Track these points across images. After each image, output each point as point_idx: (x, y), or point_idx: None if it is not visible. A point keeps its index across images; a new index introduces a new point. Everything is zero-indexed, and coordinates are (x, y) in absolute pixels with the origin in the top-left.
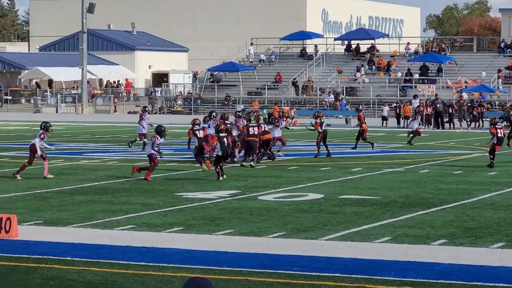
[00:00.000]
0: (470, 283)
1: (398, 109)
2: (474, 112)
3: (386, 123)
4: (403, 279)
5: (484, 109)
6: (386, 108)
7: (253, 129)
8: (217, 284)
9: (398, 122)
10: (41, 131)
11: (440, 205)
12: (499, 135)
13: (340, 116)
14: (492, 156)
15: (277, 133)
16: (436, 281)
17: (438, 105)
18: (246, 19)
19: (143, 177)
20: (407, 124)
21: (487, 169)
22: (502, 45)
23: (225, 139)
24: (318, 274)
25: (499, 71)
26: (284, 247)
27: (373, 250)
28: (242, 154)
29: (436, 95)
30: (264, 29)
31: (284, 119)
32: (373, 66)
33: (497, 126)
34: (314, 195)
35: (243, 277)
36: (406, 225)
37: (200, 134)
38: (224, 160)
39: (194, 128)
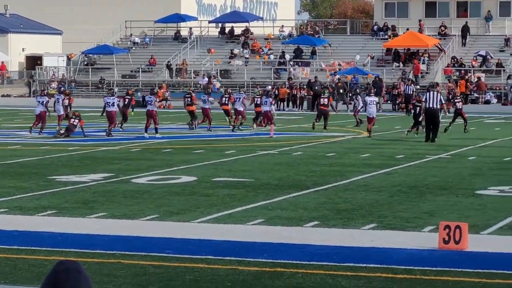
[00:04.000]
0: (342, 264)
1: (277, 91)
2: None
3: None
4: (275, 261)
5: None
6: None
7: None
8: (90, 267)
9: (288, 105)
10: None
11: (313, 187)
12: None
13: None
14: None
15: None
16: (308, 262)
17: (316, 87)
18: (121, 2)
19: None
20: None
21: (360, 151)
22: (375, 28)
23: None
24: (191, 257)
25: (373, 57)
26: (157, 230)
27: (246, 232)
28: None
29: (315, 77)
30: (139, 12)
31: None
32: (247, 49)
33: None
34: (187, 178)
35: (116, 260)
36: (279, 207)
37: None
38: None
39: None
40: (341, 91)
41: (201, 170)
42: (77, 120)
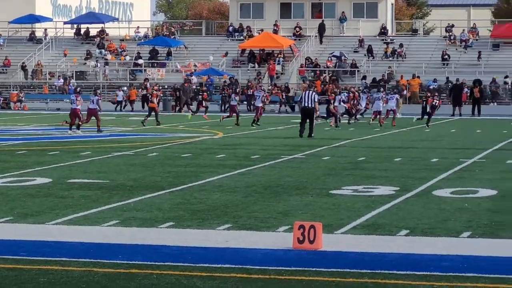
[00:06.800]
0: (197, 264)
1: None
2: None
3: (121, 107)
4: (130, 262)
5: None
6: (121, 93)
7: None
8: None
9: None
10: None
11: (168, 188)
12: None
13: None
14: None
15: None
16: (163, 263)
17: (183, 90)
18: None
19: None
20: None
21: (215, 152)
22: (231, 29)
23: None
24: (45, 259)
25: (226, 54)
26: (11, 232)
27: (101, 233)
28: None
29: (187, 79)
30: None
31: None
32: (103, 50)
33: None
34: (42, 180)
35: None
36: (134, 208)
37: None
38: None
39: None
40: (187, 92)
41: (56, 171)
42: None
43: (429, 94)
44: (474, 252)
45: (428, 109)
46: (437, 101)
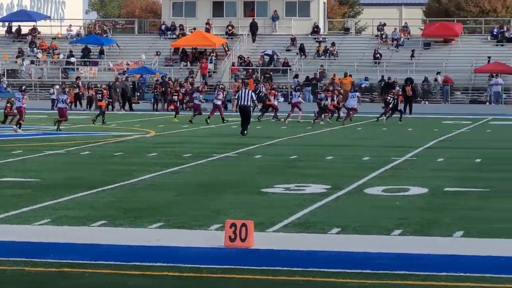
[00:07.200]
0: (129, 263)
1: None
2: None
3: (54, 105)
4: (62, 261)
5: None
6: (55, 91)
7: None
8: None
9: (75, 105)
10: None
11: (101, 186)
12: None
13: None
14: None
15: None
16: (95, 262)
17: (124, 88)
18: None
19: None
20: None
21: (148, 150)
22: (163, 27)
23: None
24: None
25: (158, 54)
26: None
27: (32, 232)
28: None
29: (127, 77)
30: None
31: None
32: (35, 48)
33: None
34: None
35: None
36: (66, 207)
37: None
38: None
39: None
40: (117, 90)
41: None
42: None
43: (396, 92)
44: (405, 250)
45: (399, 107)
46: (395, 98)
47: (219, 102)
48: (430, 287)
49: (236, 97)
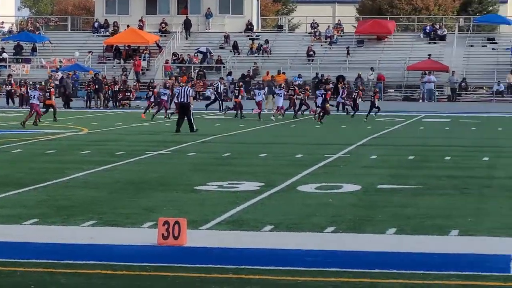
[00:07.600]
0: (61, 261)
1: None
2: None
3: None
4: None
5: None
6: None
7: None
8: None
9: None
10: None
11: (33, 184)
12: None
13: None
14: None
15: None
16: (27, 260)
17: (65, 85)
18: None
19: None
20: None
21: (81, 148)
22: (96, 25)
23: None
24: None
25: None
26: None
27: None
28: None
29: (68, 74)
30: None
31: None
32: None
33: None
34: None
35: None
36: None
37: None
38: None
39: None
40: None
41: None
42: None
43: (377, 90)
44: (338, 247)
45: (376, 104)
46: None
47: (165, 98)
48: (363, 284)
49: (176, 95)
